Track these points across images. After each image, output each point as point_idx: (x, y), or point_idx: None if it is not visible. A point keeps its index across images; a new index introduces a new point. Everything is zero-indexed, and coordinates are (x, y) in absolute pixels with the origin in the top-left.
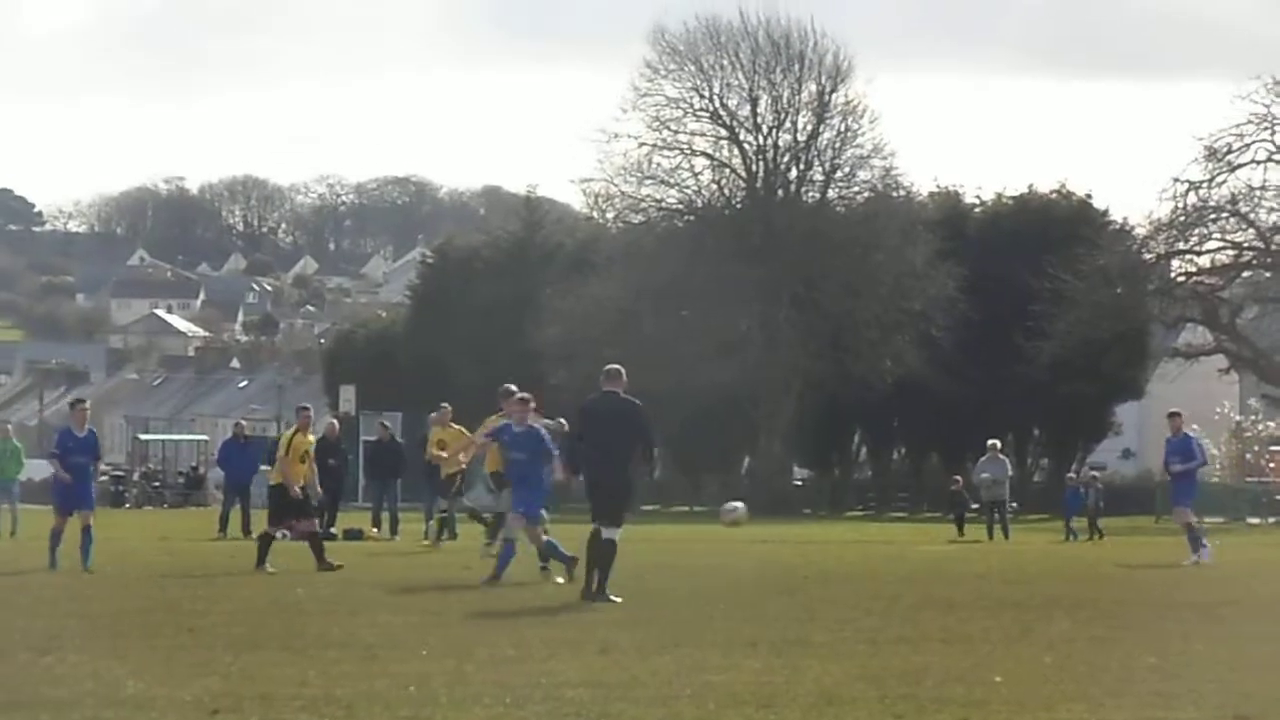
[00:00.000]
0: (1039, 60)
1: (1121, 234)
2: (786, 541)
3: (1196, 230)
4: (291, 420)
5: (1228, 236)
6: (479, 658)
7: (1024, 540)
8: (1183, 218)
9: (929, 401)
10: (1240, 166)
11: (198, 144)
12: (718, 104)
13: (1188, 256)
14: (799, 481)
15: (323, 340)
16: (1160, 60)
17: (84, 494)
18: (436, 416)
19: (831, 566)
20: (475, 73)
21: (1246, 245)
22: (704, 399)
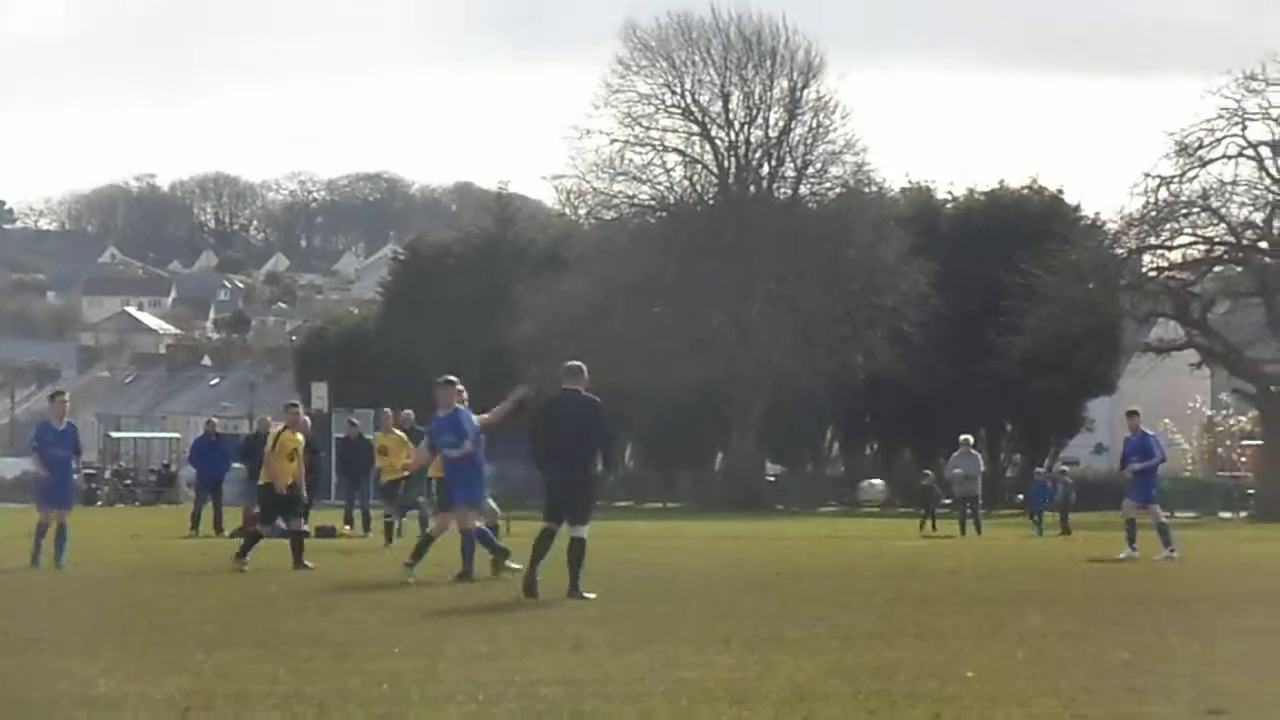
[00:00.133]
0: (1010, 56)
1: (1093, 229)
2: (759, 537)
3: (1168, 225)
4: (264, 417)
5: (1199, 231)
6: (451, 655)
7: (996, 535)
8: (1154, 213)
9: (901, 397)
10: (1211, 161)
11: (169, 141)
12: (689, 100)
13: (1159, 251)
14: (771, 477)
15: (294, 337)
16: (1131, 56)
17: (62, 490)
18: (382, 422)
19: (804, 562)
20: (447, 69)
21: (1218, 240)
22: (676, 395)
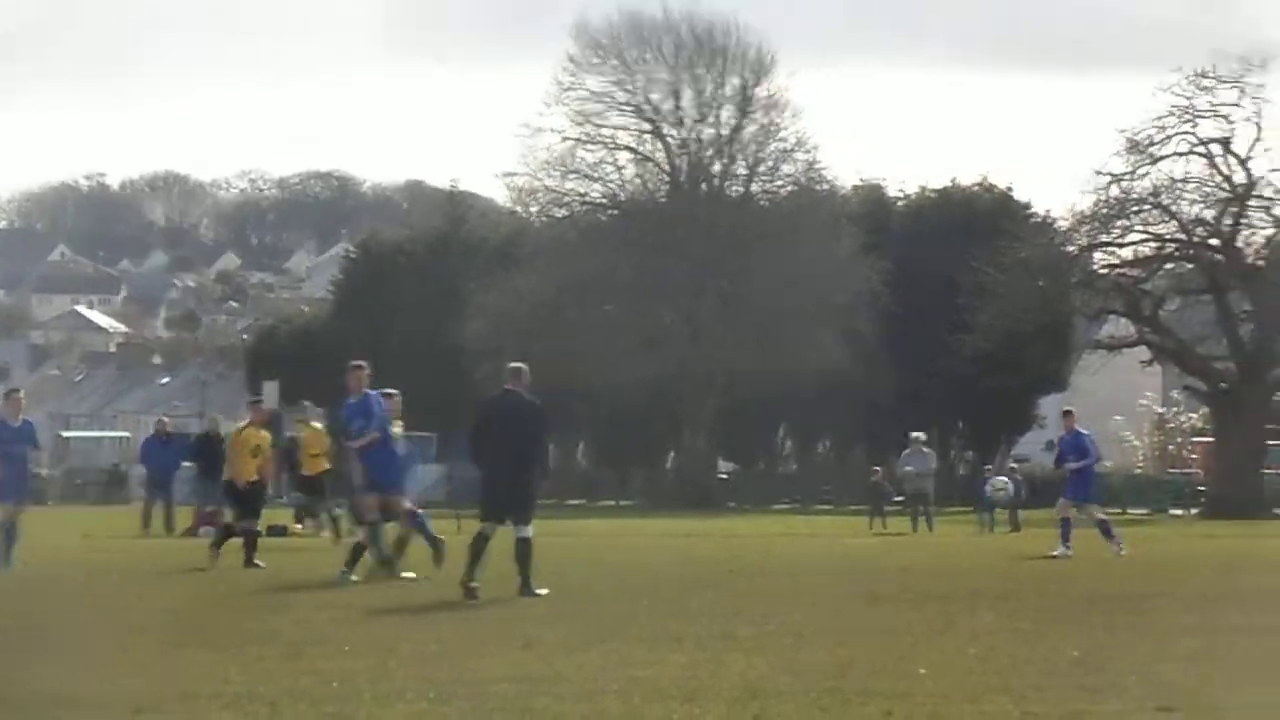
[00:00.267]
0: (962, 54)
1: (1044, 227)
2: (711, 535)
3: (1119, 222)
4: (214, 415)
5: (1150, 229)
6: (403, 653)
7: (948, 533)
8: (1105, 210)
9: (854, 395)
10: (1162, 159)
11: (119, 140)
12: (641, 98)
13: (1110, 249)
14: (724, 475)
15: (245, 336)
16: (1083, 53)
17: (16, 486)
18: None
19: (756, 560)
20: (398, 67)
21: (1168, 237)
22: (629, 393)
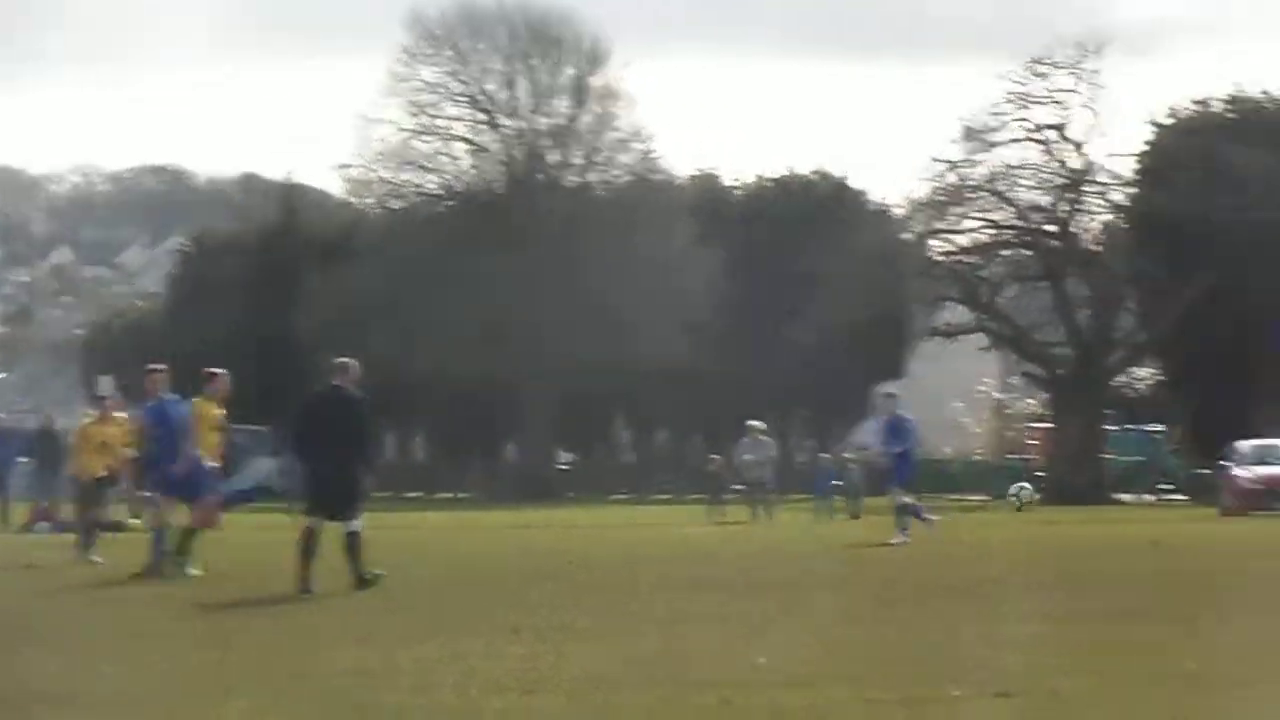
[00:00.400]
0: (798, 43)
1: (881, 214)
2: (550, 527)
3: (955, 210)
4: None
5: (986, 215)
6: (239, 647)
7: (787, 521)
8: (941, 197)
9: (692, 384)
10: (998, 145)
11: None
12: (476, 88)
13: (947, 236)
14: (563, 465)
15: (79, 330)
16: (921, 42)
17: None
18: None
19: (595, 551)
20: (232, 60)
21: (1005, 224)
22: (467, 385)
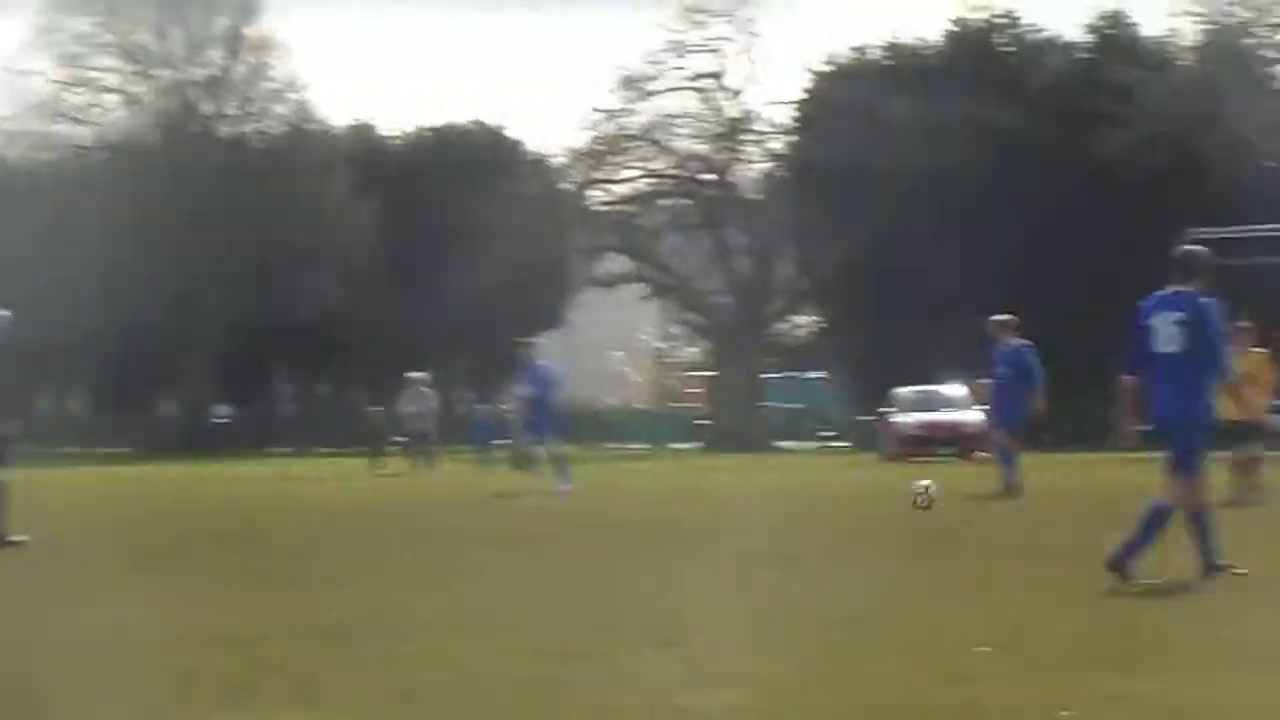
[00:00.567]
0: None
1: (539, 164)
2: (206, 480)
3: (614, 159)
4: None
5: (645, 164)
6: None
7: (449, 472)
8: (600, 146)
9: (353, 336)
10: (656, 94)
11: None
12: (127, 39)
13: (606, 185)
14: (222, 419)
15: None
16: None
17: None
18: None
19: (251, 507)
20: None
21: (664, 173)
22: (123, 339)
